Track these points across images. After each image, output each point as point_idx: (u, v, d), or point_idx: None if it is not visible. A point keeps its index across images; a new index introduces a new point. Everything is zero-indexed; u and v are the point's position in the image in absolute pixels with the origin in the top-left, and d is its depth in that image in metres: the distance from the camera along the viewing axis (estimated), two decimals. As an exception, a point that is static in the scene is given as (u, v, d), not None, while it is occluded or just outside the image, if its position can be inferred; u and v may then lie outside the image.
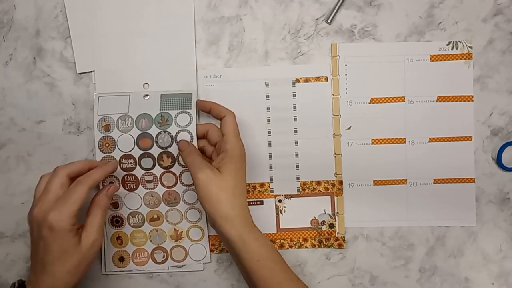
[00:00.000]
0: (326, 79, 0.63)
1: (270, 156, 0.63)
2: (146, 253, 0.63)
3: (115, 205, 0.62)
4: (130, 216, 0.62)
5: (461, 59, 0.63)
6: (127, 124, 0.61)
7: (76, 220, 0.53)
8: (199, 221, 0.62)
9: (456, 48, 0.63)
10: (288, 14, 0.64)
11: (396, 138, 0.63)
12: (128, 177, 0.62)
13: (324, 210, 0.63)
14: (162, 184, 0.62)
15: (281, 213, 0.63)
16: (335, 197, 0.63)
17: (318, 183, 0.63)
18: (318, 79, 0.63)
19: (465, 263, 0.64)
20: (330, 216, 0.63)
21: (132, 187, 0.62)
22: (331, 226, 0.63)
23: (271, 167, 0.63)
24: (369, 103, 0.63)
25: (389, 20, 0.63)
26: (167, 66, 0.63)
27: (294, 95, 0.63)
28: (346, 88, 0.63)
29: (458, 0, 0.63)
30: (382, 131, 0.63)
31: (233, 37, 0.64)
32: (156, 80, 0.63)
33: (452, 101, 0.63)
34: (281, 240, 0.63)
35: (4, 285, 0.64)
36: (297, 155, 0.63)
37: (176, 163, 0.61)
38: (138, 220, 0.62)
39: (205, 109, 0.61)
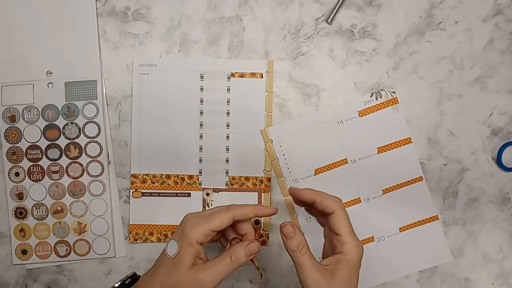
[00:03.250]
0: (261, 76, 0.63)
1: (201, 148, 0.63)
2: (49, 246, 0.63)
3: (20, 196, 0.63)
4: (34, 208, 0.63)
5: (388, 106, 0.63)
6: (33, 115, 0.62)
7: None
8: (104, 214, 0.63)
9: (380, 97, 0.63)
10: (288, 14, 0.64)
11: (351, 200, 0.63)
12: (34, 167, 0.62)
13: None
14: (68, 175, 0.63)
15: (208, 206, 0.63)
16: (263, 194, 0.63)
17: (247, 178, 0.63)
18: (253, 75, 0.63)
19: (465, 263, 0.64)
20: None
21: (38, 178, 0.62)
22: (256, 222, 0.63)
23: (200, 160, 0.63)
24: (314, 175, 0.63)
25: (389, 20, 0.63)
26: (70, 53, 0.63)
27: (228, 89, 0.63)
28: (288, 168, 0.63)
29: (458, 0, 0.63)
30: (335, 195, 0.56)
31: (233, 37, 0.64)
32: (59, 68, 0.63)
33: (393, 148, 0.63)
34: None
35: (4, 285, 0.64)
36: (227, 149, 0.63)
37: (84, 153, 0.62)
38: (42, 212, 0.63)
39: (306, 198, 0.52)
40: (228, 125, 0.63)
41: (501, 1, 0.63)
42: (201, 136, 0.63)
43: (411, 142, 0.63)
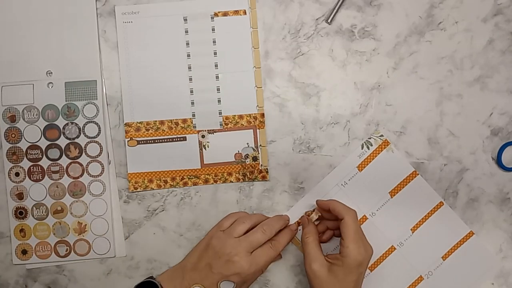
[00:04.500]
0: (245, 12, 0.63)
1: (192, 91, 0.63)
2: (49, 246, 0.63)
3: (20, 196, 0.63)
4: (34, 208, 0.63)
5: (381, 150, 0.63)
6: (33, 115, 0.62)
7: None
8: (104, 214, 0.63)
9: (371, 145, 0.63)
10: (288, 14, 0.64)
11: (386, 251, 0.63)
12: (34, 167, 0.63)
13: (247, 143, 0.63)
14: (68, 175, 0.63)
15: (205, 148, 0.63)
16: (258, 130, 0.63)
17: (241, 117, 0.63)
18: (236, 12, 0.63)
19: (465, 263, 0.64)
20: (253, 149, 0.63)
21: (38, 178, 0.63)
22: (255, 159, 0.63)
23: (192, 103, 0.63)
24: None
25: (389, 20, 0.63)
26: (70, 53, 0.63)
27: (213, 29, 0.63)
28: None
29: (458, 0, 0.63)
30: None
31: (233, 37, 0.64)
32: (59, 68, 0.63)
33: (403, 188, 0.63)
34: (206, 176, 0.63)
35: (4, 285, 0.64)
36: (218, 89, 0.63)
37: (84, 153, 0.62)
38: (42, 212, 0.63)
39: (326, 208, 0.59)
40: (216, 65, 0.63)
41: (501, 1, 0.63)
42: (190, 79, 0.63)
43: (418, 174, 0.63)
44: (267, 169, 0.64)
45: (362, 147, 0.63)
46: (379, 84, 0.64)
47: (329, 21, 0.63)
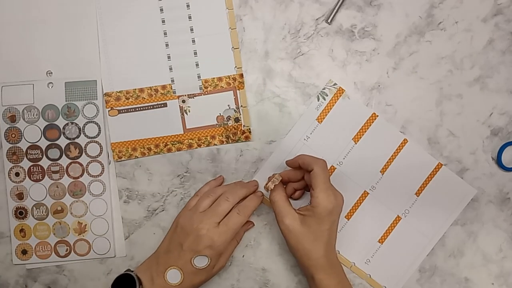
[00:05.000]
0: None
1: (169, 57, 0.63)
2: (49, 246, 0.63)
3: (20, 196, 0.63)
4: (34, 208, 0.63)
5: (337, 99, 0.63)
6: (33, 115, 0.62)
7: None
8: (104, 214, 0.63)
9: (327, 95, 0.63)
10: (288, 14, 0.64)
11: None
12: (35, 167, 0.63)
13: (228, 105, 0.63)
14: (68, 175, 0.63)
15: (186, 113, 0.63)
16: (238, 91, 0.63)
17: (220, 79, 0.63)
18: None
19: (465, 263, 0.64)
20: (234, 110, 0.63)
21: (38, 178, 0.63)
22: (237, 120, 0.63)
23: (171, 68, 0.63)
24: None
25: (389, 20, 0.63)
26: (70, 53, 0.63)
27: None
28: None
29: (458, 0, 0.63)
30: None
31: (233, 37, 0.64)
32: (59, 68, 0.63)
33: (365, 132, 0.63)
34: (189, 140, 0.63)
35: (4, 285, 0.64)
36: (195, 53, 0.63)
37: (84, 153, 0.62)
38: (42, 212, 0.63)
39: (295, 165, 0.60)
40: (192, 29, 0.63)
41: (501, 1, 0.63)
42: (167, 45, 0.63)
43: (377, 116, 0.63)
44: (249, 129, 0.63)
45: (318, 99, 0.63)
46: (379, 84, 0.64)
47: (329, 21, 0.63)
